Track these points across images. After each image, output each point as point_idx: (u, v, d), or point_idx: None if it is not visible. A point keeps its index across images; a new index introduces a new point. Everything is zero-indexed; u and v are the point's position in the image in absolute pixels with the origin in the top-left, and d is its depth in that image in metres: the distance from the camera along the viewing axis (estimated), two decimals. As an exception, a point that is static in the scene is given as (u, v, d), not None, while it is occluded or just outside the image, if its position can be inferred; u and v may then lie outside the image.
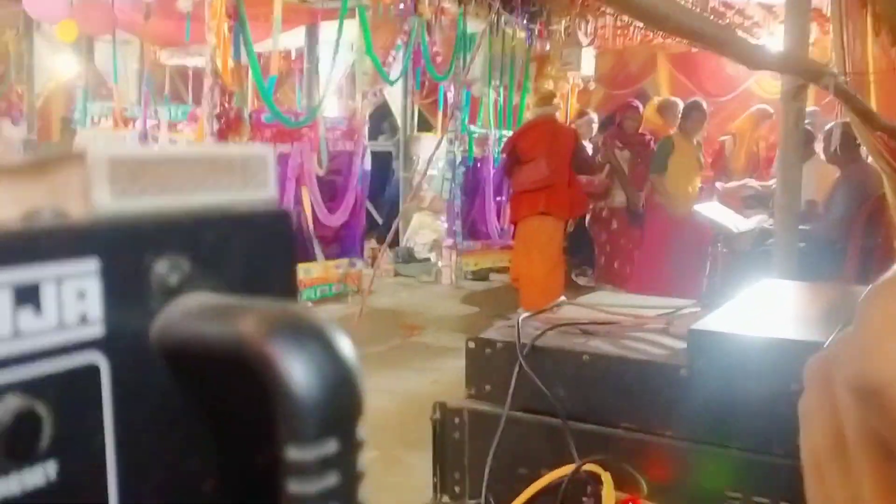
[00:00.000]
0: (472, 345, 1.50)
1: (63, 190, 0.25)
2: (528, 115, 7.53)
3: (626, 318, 1.53)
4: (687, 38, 2.57)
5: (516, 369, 1.40)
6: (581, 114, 7.61)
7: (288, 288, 0.29)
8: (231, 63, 4.76)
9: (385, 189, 8.41)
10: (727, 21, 7.52)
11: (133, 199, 0.25)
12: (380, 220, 7.83)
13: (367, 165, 6.19)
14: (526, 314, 1.60)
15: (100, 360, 0.24)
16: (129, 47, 7.55)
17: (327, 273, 5.77)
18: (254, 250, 0.28)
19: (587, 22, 5.11)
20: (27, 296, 0.22)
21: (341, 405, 0.22)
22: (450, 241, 6.73)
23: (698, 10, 3.99)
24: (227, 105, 4.77)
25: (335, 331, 0.23)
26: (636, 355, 1.38)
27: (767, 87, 7.97)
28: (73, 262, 0.23)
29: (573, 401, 1.39)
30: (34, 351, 0.22)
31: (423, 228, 7.63)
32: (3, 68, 8.02)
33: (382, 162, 8.33)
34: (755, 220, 5.61)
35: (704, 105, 6.09)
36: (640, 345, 1.44)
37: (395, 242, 7.13)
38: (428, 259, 7.22)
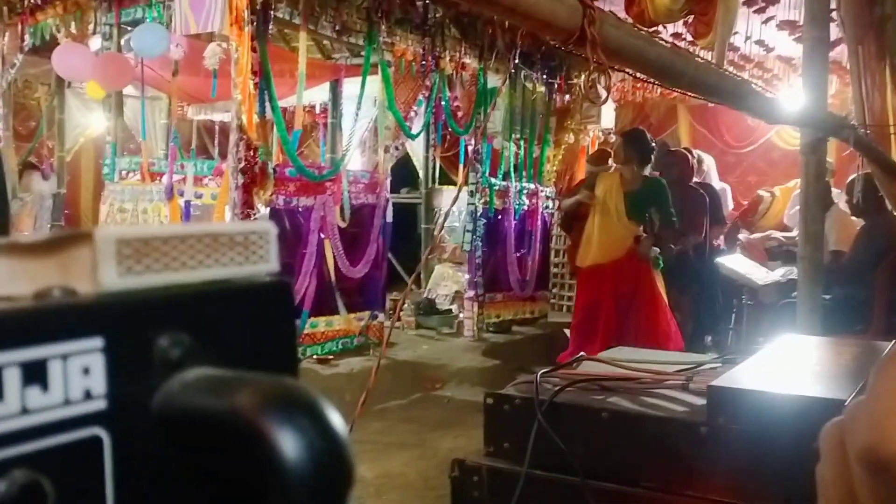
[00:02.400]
0: (490, 401, 1.49)
1: (73, 268, 0.26)
2: (548, 167, 7.59)
3: (645, 374, 1.52)
4: (704, 95, 2.60)
5: (535, 426, 1.39)
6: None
7: (288, 358, 0.30)
8: (256, 118, 4.85)
9: (410, 241, 8.47)
10: (746, 74, 7.57)
11: (137, 277, 0.26)
12: (403, 273, 7.85)
13: (389, 218, 6.24)
14: (544, 370, 1.59)
15: (102, 433, 0.25)
16: (158, 103, 7.73)
17: (349, 325, 5.77)
18: (254, 323, 0.29)
19: (607, 76, 5.15)
20: (35, 374, 0.23)
21: (330, 479, 0.23)
22: (471, 293, 6.72)
23: (715, 64, 4.02)
24: (251, 159, 4.84)
25: (326, 405, 0.24)
26: (655, 412, 1.37)
27: (788, 138, 7.98)
28: (79, 341, 0.24)
29: (592, 458, 1.37)
30: (40, 426, 0.23)
31: (445, 280, 7.64)
32: (34, 124, 8.23)
33: (408, 214, 8.40)
34: (780, 272, 5.56)
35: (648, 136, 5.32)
36: (660, 401, 1.42)
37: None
38: (449, 311, 7.21)
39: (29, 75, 7.59)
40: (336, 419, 0.24)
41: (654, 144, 5.44)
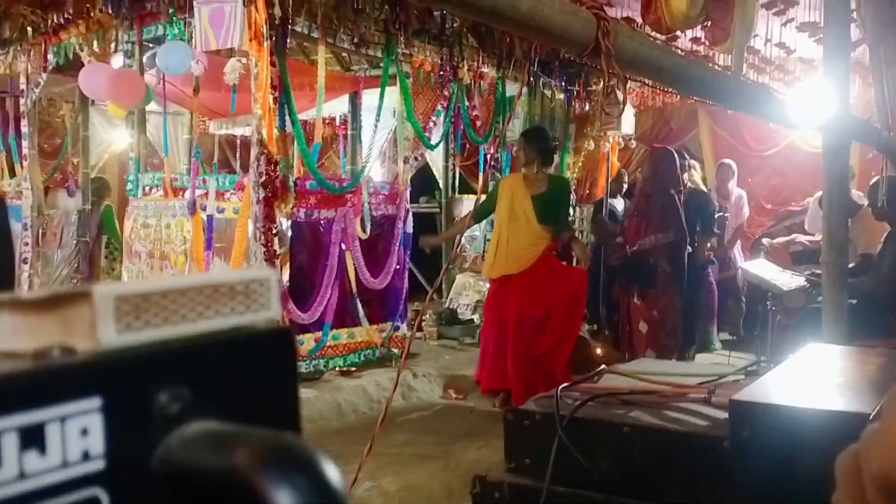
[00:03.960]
0: (510, 416, 1.49)
1: (72, 325, 0.26)
2: (568, 175, 7.57)
3: (666, 388, 1.50)
4: (721, 102, 2.57)
5: (556, 442, 1.38)
6: None
7: (290, 407, 0.30)
8: (276, 132, 4.88)
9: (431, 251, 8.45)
10: (767, 77, 7.51)
11: (137, 333, 0.26)
12: (424, 283, 7.85)
13: (410, 228, 6.25)
14: (565, 384, 1.58)
15: (101, 493, 0.25)
16: (180, 118, 7.81)
17: (371, 336, 5.78)
18: (255, 372, 0.29)
19: (623, 85, 5.09)
20: (32, 438, 0.23)
21: (328, 540, 0.23)
22: (493, 302, 6.69)
23: (733, 70, 3.99)
24: (272, 173, 4.87)
25: (324, 461, 0.24)
26: (677, 427, 1.36)
27: (812, 140, 7.89)
28: (77, 402, 0.24)
29: (614, 474, 1.36)
30: (39, 490, 0.24)
31: (467, 289, 7.62)
32: (59, 141, 8.35)
33: (428, 224, 8.39)
34: (805, 277, 5.48)
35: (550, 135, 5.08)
36: (682, 415, 1.41)
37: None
38: (471, 320, 7.20)
39: (53, 93, 7.70)
40: (334, 475, 0.24)
41: (555, 143, 5.17)
